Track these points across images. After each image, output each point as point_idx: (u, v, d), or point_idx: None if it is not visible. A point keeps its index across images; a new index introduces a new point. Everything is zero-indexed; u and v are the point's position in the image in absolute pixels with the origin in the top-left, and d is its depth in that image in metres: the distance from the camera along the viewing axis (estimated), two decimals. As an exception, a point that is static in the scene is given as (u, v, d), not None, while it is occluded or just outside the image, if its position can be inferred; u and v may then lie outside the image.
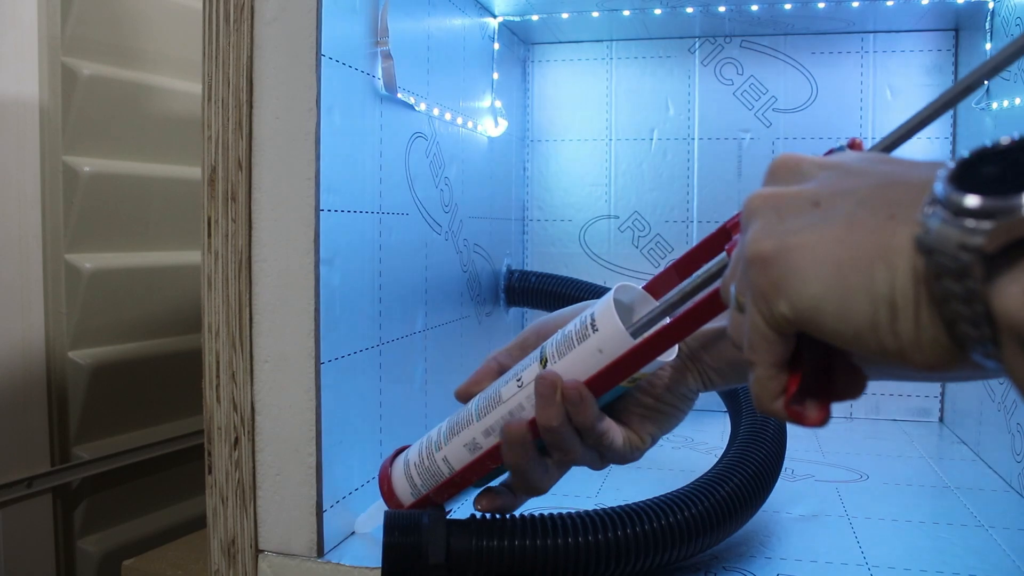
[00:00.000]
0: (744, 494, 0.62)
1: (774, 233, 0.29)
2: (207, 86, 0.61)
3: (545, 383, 0.47)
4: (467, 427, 0.52)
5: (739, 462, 0.65)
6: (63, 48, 1.05)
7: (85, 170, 1.06)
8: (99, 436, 1.11)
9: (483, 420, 0.51)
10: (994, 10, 0.93)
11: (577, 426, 0.48)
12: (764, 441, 0.69)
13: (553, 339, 0.50)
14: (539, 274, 1.08)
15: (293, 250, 0.60)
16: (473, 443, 0.52)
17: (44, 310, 1.04)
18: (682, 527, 0.58)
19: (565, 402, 0.46)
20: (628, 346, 0.46)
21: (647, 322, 0.46)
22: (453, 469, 0.53)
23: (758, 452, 0.67)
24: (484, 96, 1.02)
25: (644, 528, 0.56)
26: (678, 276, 0.49)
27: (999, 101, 0.90)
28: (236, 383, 0.62)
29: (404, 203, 0.77)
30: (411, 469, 0.55)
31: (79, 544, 1.10)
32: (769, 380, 0.31)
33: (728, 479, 0.63)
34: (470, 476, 0.52)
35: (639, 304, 0.50)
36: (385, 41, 0.70)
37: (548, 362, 0.48)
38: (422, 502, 0.54)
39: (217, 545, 0.63)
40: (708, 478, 0.63)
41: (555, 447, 0.49)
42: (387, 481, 0.56)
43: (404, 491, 0.55)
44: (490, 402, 0.51)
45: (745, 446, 0.69)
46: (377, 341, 0.72)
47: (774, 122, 1.11)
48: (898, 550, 0.65)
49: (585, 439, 0.49)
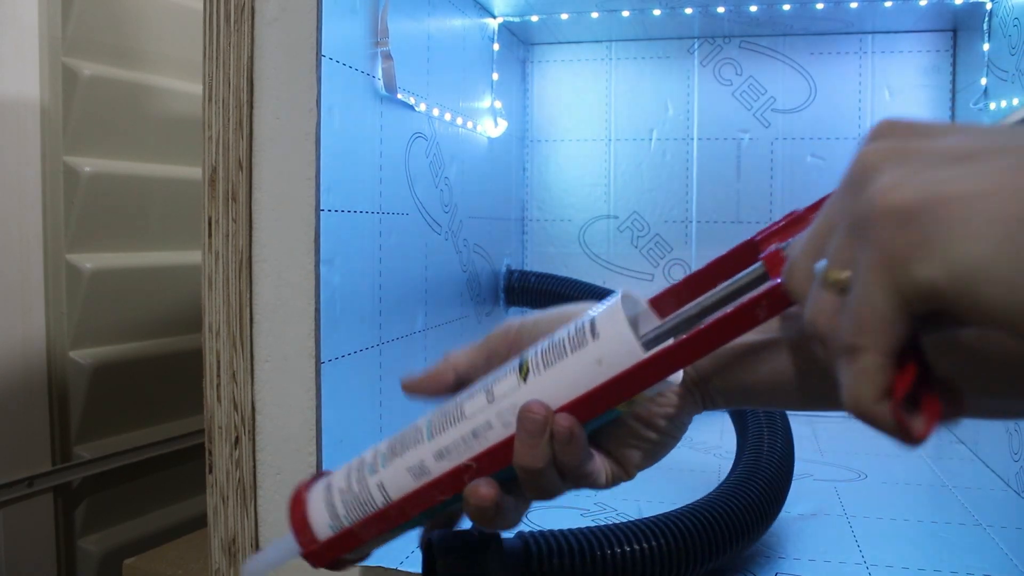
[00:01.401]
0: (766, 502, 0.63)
1: (916, 183, 0.24)
2: (208, 86, 0.62)
3: (533, 419, 0.37)
4: (414, 447, 0.41)
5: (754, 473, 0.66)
6: (64, 48, 1.05)
7: (86, 170, 1.06)
8: (100, 435, 1.11)
9: (436, 439, 0.40)
10: (992, 11, 0.93)
11: (559, 466, 0.40)
12: (776, 447, 0.70)
13: (538, 346, 0.40)
14: (539, 274, 1.08)
15: (293, 250, 0.60)
16: (420, 467, 0.40)
17: (45, 310, 1.04)
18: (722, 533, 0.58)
19: (553, 440, 0.38)
20: (636, 359, 0.37)
21: (662, 333, 0.38)
22: (389, 499, 0.41)
23: (773, 458, 0.67)
24: (484, 96, 1.02)
25: (698, 537, 0.56)
26: (689, 293, 0.41)
27: (997, 102, 0.90)
28: (237, 383, 0.62)
29: (404, 203, 0.78)
30: (334, 495, 0.42)
31: (80, 543, 1.10)
32: (877, 372, 0.25)
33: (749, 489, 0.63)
34: (410, 509, 0.41)
35: (643, 319, 0.41)
36: (385, 42, 0.71)
37: (530, 374, 0.39)
38: (342, 538, 0.42)
39: (218, 544, 0.63)
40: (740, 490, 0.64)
41: (531, 487, 0.41)
42: (300, 508, 0.43)
43: (321, 521, 0.42)
44: (447, 418, 0.40)
45: (758, 454, 0.69)
46: (377, 341, 0.72)
47: (773, 122, 1.11)
48: (896, 549, 0.65)
49: (565, 479, 0.41)
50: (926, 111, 1.07)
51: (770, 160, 1.11)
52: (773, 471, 0.65)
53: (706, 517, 0.58)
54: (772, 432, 0.71)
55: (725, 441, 0.97)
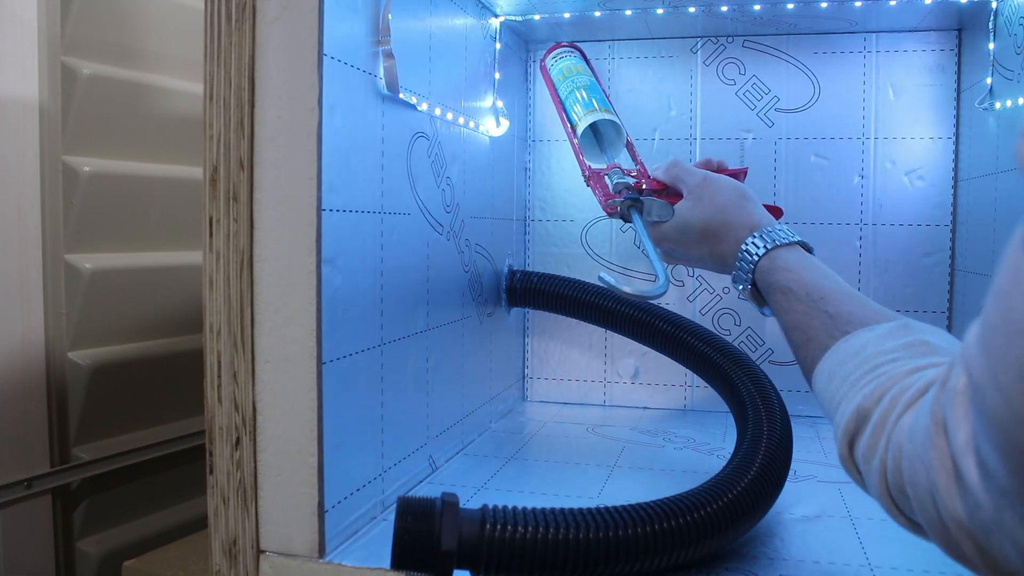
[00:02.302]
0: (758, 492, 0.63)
1: None
2: (209, 86, 0.61)
3: None
4: None
5: (752, 459, 0.66)
6: (63, 48, 1.05)
7: (85, 170, 1.06)
8: (99, 437, 1.11)
9: None
10: (997, 10, 0.93)
11: None
12: (774, 438, 0.70)
13: None
14: (541, 274, 1.08)
15: (295, 250, 0.60)
16: None
17: (44, 310, 1.04)
18: (698, 526, 0.58)
19: None
20: None
21: None
22: None
23: (770, 448, 0.68)
24: (486, 96, 1.01)
25: (657, 527, 0.56)
26: None
27: (1002, 101, 0.90)
28: (238, 383, 0.61)
29: (406, 203, 0.77)
30: None
31: (79, 545, 1.09)
32: None
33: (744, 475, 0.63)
34: None
35: None
36: (387, 40, 0.70)
37: None
38: None
39: (218, 545, 0.63)
40: (730, 473, 0.64)
41: None
42: None
43: None
44: None
45: (756, 443, 0.69)
46: (379, 341, 0.71)
47: (776, 122, 1.10)
48: (900, 551, 0.65)
49: None
50: (931, 111, 1.06)
51: (773, 160, 1.11)
52: (751, 478, 0.65)
53: (659, 512, 0.58)
54: (765, 434, 0.72)
55: (727, 443, 0.97)
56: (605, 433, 1.03)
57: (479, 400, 1.01)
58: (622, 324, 1.00)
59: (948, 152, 1.06)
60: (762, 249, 0.61)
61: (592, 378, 1.19)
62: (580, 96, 0.85)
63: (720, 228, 0.66)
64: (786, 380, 1.10)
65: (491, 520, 0.54)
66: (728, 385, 0.85)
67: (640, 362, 1.16)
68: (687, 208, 0.69)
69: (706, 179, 0.70)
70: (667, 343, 0.96)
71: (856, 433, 0.45)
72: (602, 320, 1.02)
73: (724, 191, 0.68)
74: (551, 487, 0.81)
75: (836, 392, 0.49)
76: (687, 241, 0.70)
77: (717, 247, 0.67)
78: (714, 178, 0.70)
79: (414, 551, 0.53)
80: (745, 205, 0.66)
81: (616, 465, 0.89)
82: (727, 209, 0.66)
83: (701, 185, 0.69)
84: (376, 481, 0.72)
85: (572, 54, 0.90)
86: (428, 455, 0.84)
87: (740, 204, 0.66)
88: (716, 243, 0.67)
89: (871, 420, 0.44)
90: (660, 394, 1.16)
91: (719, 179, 0.69)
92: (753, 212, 0.66)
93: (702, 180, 0.70)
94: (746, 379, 0.83)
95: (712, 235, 0.67)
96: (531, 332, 1.21)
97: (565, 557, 0.54)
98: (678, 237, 0.70)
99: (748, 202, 0.67)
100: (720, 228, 0.66)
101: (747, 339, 1.12)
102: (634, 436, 1.02)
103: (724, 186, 0.68)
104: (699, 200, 0.68)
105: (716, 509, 0.60)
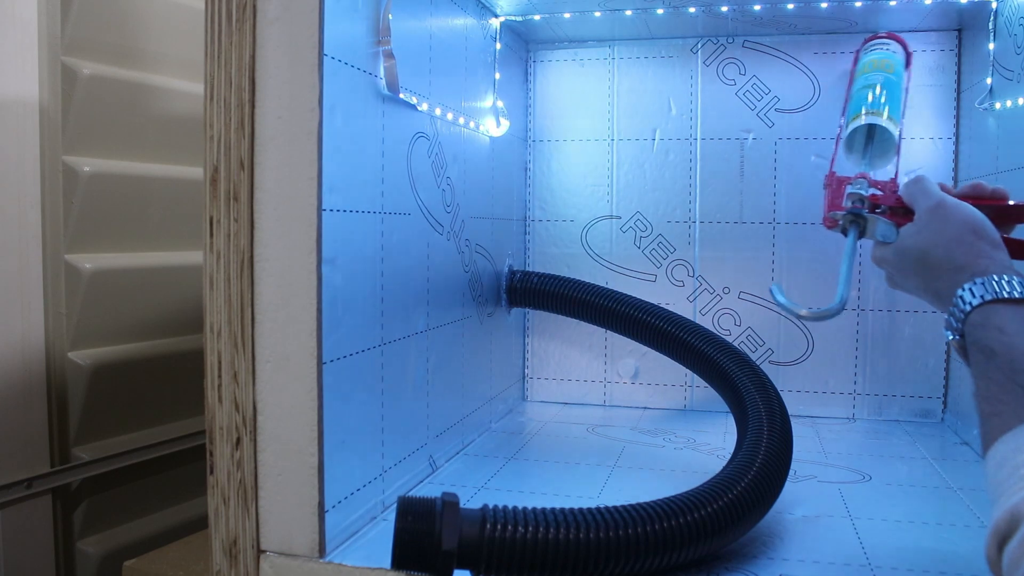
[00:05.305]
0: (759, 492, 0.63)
1: None
2: (209, 86, 0.61)
3: None
4: None
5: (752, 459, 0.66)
6: (63, 48, 1.05)
7: (85, 170, 1.06)
8: (99, 437, 1.11)
9: None
10: (997, 10, 0.93)
11: None
12: (774, 438, 0.70)
13: None
14: (541, 275, 1.08)
15: (295, 250, 0.60)
16: None
17: (44, 310, 1.04)
18: (698, 526, 0.58)
19: None
20: None
21: None
22: None
23: (770, 448, 0.68)
24: (486, 96, 1.01)
25: (657, 527, 0.56)
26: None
27: (1002, 101, 0.90)
28: (238, 383, 0.61)
29: (406, 203, 0.77)
30: None
31: (79, 545, 1.09)
32: None
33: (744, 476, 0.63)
34: None
35: None
36: (387, 41, 0.70)
37: None
38: None
39: (219, 545, 0.63)
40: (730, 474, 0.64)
41: None
42: None
43: None
44: None
45: (757, 443, 0.69)
46: (379, 341, 0.71)
47: (776, 122, 1.10)
48: (901, 551, 0.65)
49: None
50: (931, 111, 1.06)
51: (774, 160, 1.11)
52: (745, 482, 0.65)
53: (659, 512, 0.58)
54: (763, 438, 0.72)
55: (727, 443, 0.97)
56: (605, 433, 1.03)
57: (479, 400, 1.01)
58: (622, 324, 1.00)
59: (948, 152, 1.06)
60: (977, 299, 0.52)
61: (592, 378, 1.19)
62: (870, 93, 0.78)
63: (939, 264, 0.57)
64: (786, 380, 1.10)
65: (491, 520, 0.54)
66: (728, 385, 0.86)
67: (640, 362, 1.16)
68: (910, 233, 0.61)
69: (940, 205, 0.60)
70: (667, 343, 0.96)
71: (1007, 536, 0.41)
72: (602, 320, 1.02)
73: (955, 223, 0.58)
74: (551, 487, 0.81)
75: (1003, 482, 0.44)
76: (904, 268, 0.62)
77: (932, 283, 0.58)
78: (951, 204, 0.60)
79: (414, 551, 0.53)
80: (976, 243, 0.56)
81: (616, 465, 0.89)
82: (953, 244, 0.57)
83: (931, 210, 0.60)
84: (376, 481, 0.72)
85: (890, 50, 0.82)
86: (428, 455, 0.84)
87: (970, 241, 0.56)
88: (932, 279, 0.58)
89: (1023, 526, 0.40)
90: (660, 394, 1.17)
91: (957, 207, 0.59)
92: (984, 253, 0.55)
93: (935, 205, 0.60)
94: (746, 379, 0.83)
95: (930, 269, 0.59)
96: (531, 332, 1.21)
97: (565, 557, 0.54)
98: (896, 262, 0.63)
99: (982, 241, 0.56)
100: (939, 264, 0.57)
101: (747, 339, 1.12)
102: (634, 436, 1.02)
103: (957, 216, 0.58)
104: (925, 227, 0.60)
105: (716, 509, 0.60)
